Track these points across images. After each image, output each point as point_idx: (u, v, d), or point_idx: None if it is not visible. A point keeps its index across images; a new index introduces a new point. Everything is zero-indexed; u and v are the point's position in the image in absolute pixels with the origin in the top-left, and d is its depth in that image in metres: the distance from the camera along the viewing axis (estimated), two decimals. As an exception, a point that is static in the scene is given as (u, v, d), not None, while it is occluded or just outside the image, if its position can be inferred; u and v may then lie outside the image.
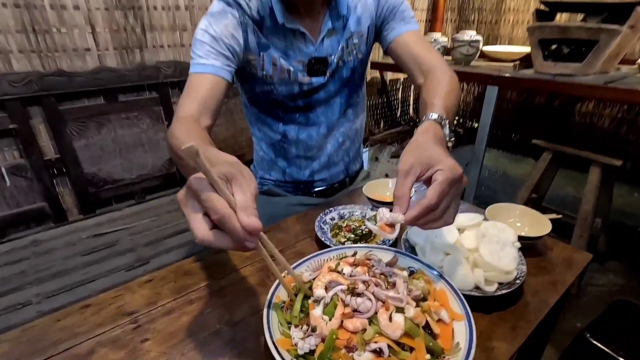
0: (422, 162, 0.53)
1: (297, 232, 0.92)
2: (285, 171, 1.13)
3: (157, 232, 1.63)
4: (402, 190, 0.53)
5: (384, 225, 0.53)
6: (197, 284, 0.72)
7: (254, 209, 0.40)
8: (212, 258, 0.80)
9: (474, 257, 0.67)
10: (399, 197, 0.53)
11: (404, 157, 0.55)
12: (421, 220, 0.51)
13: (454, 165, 0.52)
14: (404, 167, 0.53)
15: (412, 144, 0.58)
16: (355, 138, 1.19)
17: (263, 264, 0.76)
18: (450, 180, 0.50)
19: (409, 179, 0.53)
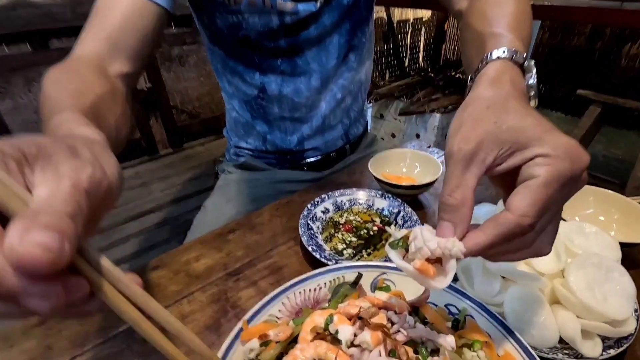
0: (501, 142, 0.31)
1: (276, 232, 0.68)
2: (265, 138, 0.94)
3: (114, 216, 1.40)
4: (458, 192, 0.32)
5: (424, 263, 0.31)
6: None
7: (70, 217, 0.19)
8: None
9: (556, 289, 0.42)
10: (453, 207, 0.32)
11: (460, 128, 0.33)
12: (496, 250, 0.31)
13: (574, 148, 0.30)
14: (465, 146, 0.32)
15: (477, 104, 0.35)
16: (358, 93, 0.99)
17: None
18: (564, 178, 0.29)
19: (473, 173, 0.32)
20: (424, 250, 0.30)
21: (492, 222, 0.30)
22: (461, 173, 0.31)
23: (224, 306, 0.54)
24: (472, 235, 0.30)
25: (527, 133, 0.30)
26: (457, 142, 0.32)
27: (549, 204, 0.29)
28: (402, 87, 2.83)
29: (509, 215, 0.29)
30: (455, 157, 0.32)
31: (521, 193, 0.29)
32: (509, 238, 0.29)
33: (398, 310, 0.38)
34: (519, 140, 0.30)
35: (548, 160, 0.29)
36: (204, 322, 0.51)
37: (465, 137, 0.32)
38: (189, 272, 0.60)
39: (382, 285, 0.48)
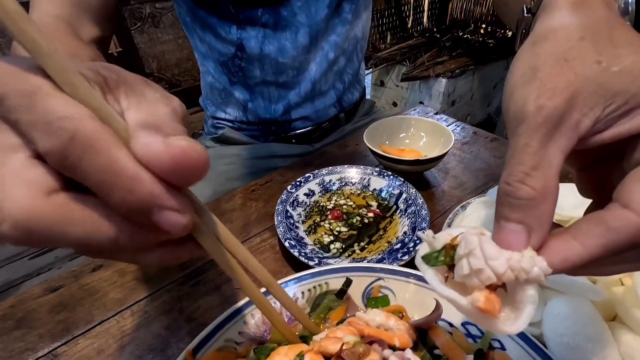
0: (608, 89, 0.20)
1: (249, 220, 0.57)
2: (246, 106, 0.84)
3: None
4: (537, 177, 0.20)
5: (489, 296, 0.20)
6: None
7: (181, 129, 0.19)
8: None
9: (616, 303, 0.32)
10: (527, 201, 0.20)
11: (537, 74, 0.21)
12: (598, 264, 0.20)
13: None
14: (549, 101, 0.20)
15: (555, 36, 0.22)
16: (354, 52, 0.88)
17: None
18: None
19: (561, 143, 0.20)
20: (485, 275, 0.19)
21: (597, 225, 0.19)
22: (541, 145, 0.20)
23: (177, 320, 0.43)
24: (561, 246, 0.20)
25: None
26: (532, 96, 0.20)
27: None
28: (404, 50, 2.64)
29: (629, 215, 0.18)
30: (532, 119, 0.20)
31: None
32: (625, 249, 0.19)
33: (399, 344, 0.27)
34: (630, 90, 0.19)
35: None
36: (148, 342, 0.41)
37: (546, 87, 0.20)
38: (138, 273, 0.50)
39: (377, 295, 0.37)
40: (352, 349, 0.25)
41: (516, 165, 0.20)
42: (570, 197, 0.42)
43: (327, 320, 0.36)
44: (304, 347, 0.27)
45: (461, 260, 0.20)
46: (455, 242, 0.22)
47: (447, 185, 0.63)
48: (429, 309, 0.34)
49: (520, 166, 0.20)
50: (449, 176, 0.65)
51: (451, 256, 0.21)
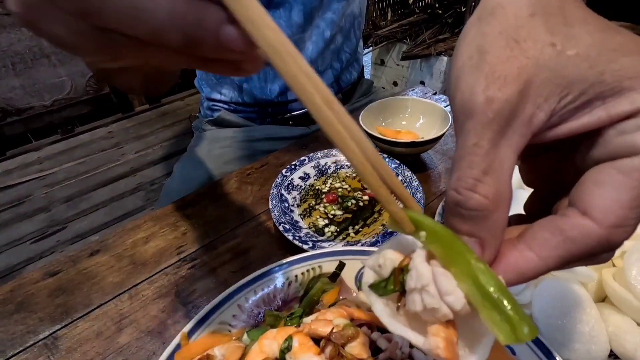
0: (564, 77, 0.17)
1: (245, 204, 0.57)
2: (241, 87, 0.83)
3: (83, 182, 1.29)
4: (488, 183, 0.17)
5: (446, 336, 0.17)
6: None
7: None
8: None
9: (607, 285, 0.32)
10: (478, 211, 0.17)
11: (485, 57, 0.18)
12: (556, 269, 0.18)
13: None
14: (499, 92, 0.17)
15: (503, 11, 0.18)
16: (351, 30, 0.85)
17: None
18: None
19: (514, 141, 0.17)
20: (441, 313, 0.17)
21: (553, 234, 0.17)
22: (492, 145, 0.17)
23: (173, 303, 0.44)
24: (517, 258, 0.18)
25: (617, 63, 0.16)
26: (481, 86, 0.17)
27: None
28: (405, 27, 2.57)
29: (588, 225, 0.17)
30: (482, 115, 0.17)
31: (612, 184, 0.17)
32: (583, 258, 0.17)
33: (386, 327, 0.28)
34: (602, 77, 0.17)
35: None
36: (146, 325, 0.42)
37: (497, 75, 0.17)
38: (134, 258, 0.50)
39: (370, 278, 0.37)
40: (341, 331, 0.26)
41: (466, 169, 0.18)
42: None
43: (320, 302, 0.37)
44: (293, 330, 0.27)
45: (413, 294, 0.18)
46: (404, 264, 0.19)
47: (444, 167, 0.62)
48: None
49: (470, 170, 0.18)
50: (446, 158, 0.64)
51: (401, 282, 0.19)
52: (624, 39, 0.17)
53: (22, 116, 1.54)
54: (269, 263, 0.44)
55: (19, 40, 1.42)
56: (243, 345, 0.30)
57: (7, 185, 1.31)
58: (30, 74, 1.48)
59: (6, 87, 1.47)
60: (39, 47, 1.47)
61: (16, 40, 1.41)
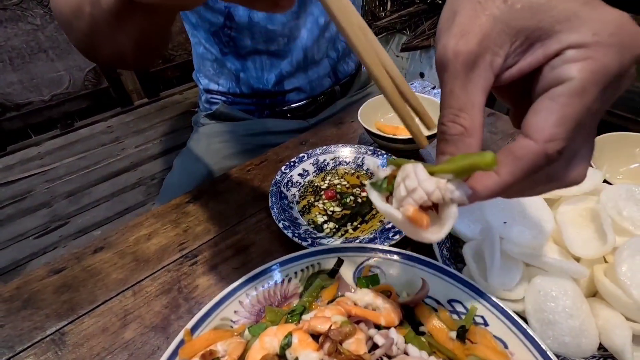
0: (512, 27, 0.22)
1: (245, 200, 0.58)
2: (238, 77, 0.82)
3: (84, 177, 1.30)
4: (464, 117, 0.23)
5: (417, 210, 0.24)
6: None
7: None
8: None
9: (598, 281, 0.33)
10: (456, 137, 0.24)
11: (454, 19, 0.23)
12: (513, 190, 0.24)
13: (623, 26, 0.20)
14: (464, 46, 0.22)
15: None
16: None
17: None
18: (611, 76, 0.20)
19: (478, 84, 0.23)
20: (418, 194, 0.24)
21: (507, 156, 0.22)
22: (462, 88, 0.23)
23: (176, 298, 0.45)
24: (482, 176, 0.23)
25: (552, 11, 0.21)
26: (451, 44, 0.22)
27: (584, 119, 0.21)
28: (405, 18, 2.54)
29: (529, 143, 0.21)
30: (452, 66, 0.23)
31: (545, 109, 0.21)
32: (531, 173, 0.22)
33: (384, 323, 0.29)
34: (540, 24, 0.21)
35: (585, 53, 0.20)
36: (150, 320, 0.43)
37: (461, 33, 0.22)
38: (137, 254, 0.51)
39: (367, 274, 0.38)
40: (339, 328, 0.27)
41: (446, 109, 0.24)
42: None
43: (319, 298, 0.38)
44: (293, 327, 0.28)
45: (399, 185, 0.25)
46: (395, 173, 0.26)
47: (442, 162, 0.63)
48: (417, 287, 0.35)
49: (449, 109, 0.23)
50: (444, 153, 0.65)
51: (392, 185, 0.26)
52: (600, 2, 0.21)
53: (21, 111, 1.54)
54: (269, 259, 0.45)
55: (15, 35, 1.41)
56: (244, 341, 0.31)
57: (8, 180, 1.32)
58: (28, 68, 1.48)
59: (4, 83, 1.46)
60: (36, 41, 1.46)
61: (13, 35, 1.40)
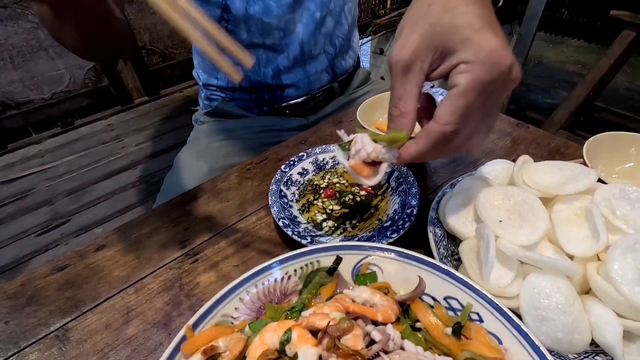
0: (434, 45, 0.32)
1: (245, 199, 0.58)
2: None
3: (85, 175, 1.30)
4: (401, 104, 0.35)
5: (360, 163, 0.37)
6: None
7: None
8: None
9: (591, 278, 0.34)
10: (396, 117, 0.35)
11: (401, 34, 0.34)
12: (427, 155, 0.35)
13: (496, 51, 0.30)
14: (401, 55, 0.33)
15: (419, 3, 0.34)
16: (341, 14, 0.87)
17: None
18: (483, 84, 0.31)
19: (412, 82, 0.34)
20: (361, 153, 0.37)
21: (423, 132, 0.34)
22: (401, 84, 0.34)
23: (177, 296, 0.46)
24: (407, 145, 0.35)
25: (456, 35, 0.30)
26: (394, 53, 0.33)
27: (470, 111, 0.31)
28: (405, 16, 2.54)
29: (434, 125, 0.32)
30: (394, 69, 0.34)
31: (443, 103, 0.32)
32: (437, 145, 0.33)
33: (381, 319, 0.29)
34: (448, 43, 0.31)
35: (469, 67, 0.30)
36: (152, 317, 0.43)
37: (401, 46, 0.33)
38: (139, 252, 0.52)
39: (365, 272, 0.39)
40: (337, 324, 0.27)
41: (391, 97, 0.35)
42: (556, 175, 0.43)
43: (318, 295, 0.38)
44: (292, 323, 0.29)
45: (352, 147, 0.38)
46: (352, 139, 0.39)
47: (439, 161, 0.63)
48: (414, 284, 0.36)
49: (392, 98, 0.35)
50: (442, 152, 0.65)
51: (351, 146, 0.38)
52: (467, 18, 0.30)
53: (22, 109, 1.54)
54: (269, 257, 0.45)
55: (16, 33, 1.41)
56: (245, 337, 0.32)
57: (10, 178, 1.33)
58: (28, 67, 1.48)
59: (5, 81, 1.46)
60: (36, 39, 1.46)
61: (13, 33, 1.41)
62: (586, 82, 1.64)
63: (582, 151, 0.52)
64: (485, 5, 0.32)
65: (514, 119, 0.73)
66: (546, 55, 3.13)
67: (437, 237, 0.43)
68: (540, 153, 0.64)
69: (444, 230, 0.44)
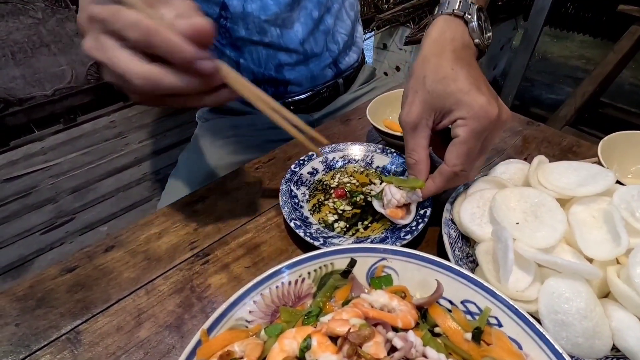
0: (434, 108, 0.42)
1: (254, 198, 0.58)
2: (239, 63, 0.82)
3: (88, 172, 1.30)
4: (415, 154, 0.44)
5: (394, 209, 0.46)
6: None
7: (197, 13, 0.33)
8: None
9: (611, 282, 0.33)
10: (412, 165, 0.45)
11: (406, 100, 0.44)
12: (442, 189, 0.45)
13: (483, 107, 0.39)
14: (409, 118, 0.43)
15: (416, 73, 0.44)
16: (341, 10, 0.86)
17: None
18: (477, 133, 0.40)
19: (421, 136, 0.44)
20: (392, 202, 0.46)
21: (438, 173, 0.43)
22: (412, 139, 0.44)
23: (189, 298, 0.45)
24: (427, 184, 0.44)
25: (450, 99, 0.40)
26: (403, 116, 0.44)
27: (471, 153, 0.41)
28: (408, 11, 2.52)
29: (446, 167, 0.42)
30: (405, 128, 0.44)
31: (450, 150, 0.41)
32: (450, 182, 0.43)
33: (401, 325, 0.29)
34: (445, 106, 0.40)
35: (465, 122, 0.39)
36: (164, 319, 0.43)
37: (408, 110, 0.43)
38: (148, 253, 0.51)
39: (380, 274, 0.39)
40: (357, 331, 0.27)
41: (406, 148, 0.45)
42: (572, 176, 0.43)
43: (333, 298, 0.38)
44: (311, 329, 0.29)
45: (384, 197, 0.47)
46: (383, 189, 0.48)
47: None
48: (431, 288, 0.36)
49: (407, 149, 0.45)
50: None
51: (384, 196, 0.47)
52: (456, 85, 0.40)
53: (24, 106, 1.53)
54: (280, 258, 0.45)
55: (17, 29, 1.40)
56: (262, 342, 0.32)
57: (13, 176, 1.32)
58: (30, 63, 1.47)
59: (7, 77, 1.45)
60: (37, 35, 1.45)
61: (15, 29, 1.39)
62: (592, 77, 1.62)
63: (597, 150, 0.51)
64: (469, 65, 0.41)
65: (524, 117, 0.72)
66: (550, 51, 3.10)
67: (452, 239, 0.42)
68: (552, 152, 0.64)
69: (458, 232, 0.44)
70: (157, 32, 0.30)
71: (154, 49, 0.30)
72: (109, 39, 0.32)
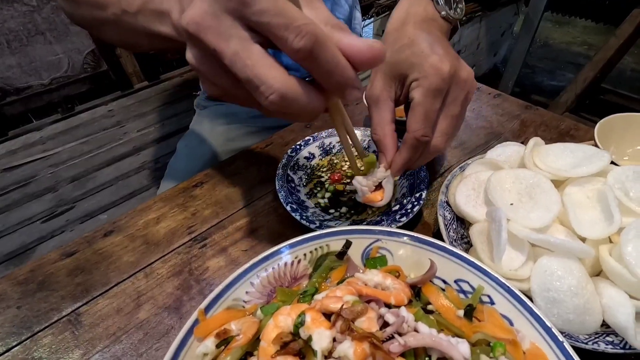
0: (393, 77, 0.42)
1: (252, 184, 0.58)
2: None
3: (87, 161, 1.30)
4: (379, 129, 0.43)
5: (369, 196, 0.44)
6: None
7: (342, 24, 0.28)
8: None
9: (603, 260, 0.33)
10: (379, 141, 0.43)
11: (372, 73, 0.45)
12: (412, 161, 0.43)
13: (434, 65, 0.38)
14: (371, 92, 0.43)
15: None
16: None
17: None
18: (431, 92, 0.38)
19: (384, 109, 0.43)
20: (364, 190, 0.44)
21: (402, 143, 0.41)
22: (377, 113, 0.43)
23: (187, 280, 0.46)
24: (394, 158, 0.42)
25: (404, 64, 0.40)
26: (367, 92, 0.44)
27: (430, 115, 0.39)
28: (408, -4, 2.47)
29: (407, 134, 0.40)
30: (369, 103, 0.44)
31: (409, 115, 0.40)
32: (417, 150, 0.40)
33: (394, 302, 0.30)
34: (401, 72, 0.40)
35: (418, 83, 0.38)
36: (163, 301, 0.44)
37: (371, 86, 0.43)
38: (147, 238, 0.52)
39: (375, 255, 0.39)
40: (351, 307, 0.27)
41: (371, 125, 0.44)
42: (567, 157, 0.43)
43: (328, 279, 0.38)
44: (305, 306, 0.29)
45: (358, 191, 0.44)
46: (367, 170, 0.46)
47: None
48: (425, 268, 0.36)
49: (372, 125, 0.43)
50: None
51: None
52: (410, 50, 0.40)
53: (21, 95, 1.52)
54: (277, 241, 0.45)
55: (12, 16, 1.38)
56: (258, 320, 0.32)
57: (12, 165, 1.32)
58: (26, 51, 1.46)
59: (3, 66, 1.44)
60: (32, 23, 1.43)
61: (9, 17, 1.38)
62: (593, 62, 1.60)
63: (593, 133, 0.51)
64: (428, 33, 0.41)
65: (522, 101, 0.72)
66: (552, 37, 3.06)
67: (446, 221, 0.43)
68: (550, 135, 0.63)
69: (453, 214, 0.44)
70: (327, 45, 0.24)
71: (311, 62, 0.24)
72: (238, 25, 0.24)
